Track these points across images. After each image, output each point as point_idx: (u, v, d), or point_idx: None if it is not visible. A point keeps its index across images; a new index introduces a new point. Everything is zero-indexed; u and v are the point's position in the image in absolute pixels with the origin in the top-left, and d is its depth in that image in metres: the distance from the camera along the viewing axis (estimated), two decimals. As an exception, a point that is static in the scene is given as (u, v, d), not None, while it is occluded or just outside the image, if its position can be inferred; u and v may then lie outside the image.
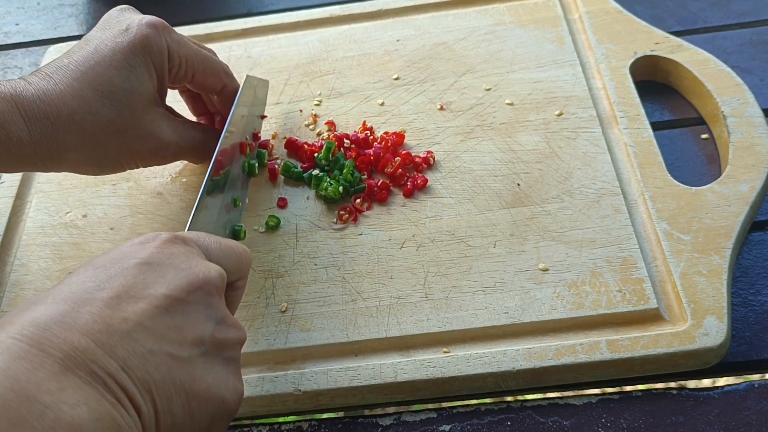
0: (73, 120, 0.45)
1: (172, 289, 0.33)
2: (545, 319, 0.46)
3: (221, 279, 0.36)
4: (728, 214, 0.49)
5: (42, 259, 0.54)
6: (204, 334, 0.34)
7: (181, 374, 0.32)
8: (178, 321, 0.33)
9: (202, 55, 0.51)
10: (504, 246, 0.50)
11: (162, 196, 0.57)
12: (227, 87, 0.53)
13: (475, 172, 0.54)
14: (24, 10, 0.80)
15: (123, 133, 0.47)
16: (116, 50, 0.46)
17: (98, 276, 0.33)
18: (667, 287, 0.47)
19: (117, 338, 0.30)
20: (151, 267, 0.34)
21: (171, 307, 0.33)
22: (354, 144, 0.56)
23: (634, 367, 0.44)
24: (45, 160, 0.45)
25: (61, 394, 0.27)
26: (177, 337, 0.32)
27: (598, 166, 0.53)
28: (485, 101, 0.59)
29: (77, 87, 0.45)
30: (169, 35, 0.48)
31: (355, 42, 0.66)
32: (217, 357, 0.35)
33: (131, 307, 0.32)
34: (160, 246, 0.35)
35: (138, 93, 0.47)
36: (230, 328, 0.36)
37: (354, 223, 0.53)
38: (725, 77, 0.57)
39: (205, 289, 0.35)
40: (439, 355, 0.45)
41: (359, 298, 0.48)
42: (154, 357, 0.31)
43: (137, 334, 0.31)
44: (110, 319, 0.31)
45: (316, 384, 0.45)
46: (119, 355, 0.30)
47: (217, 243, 0.39)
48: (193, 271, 0.35)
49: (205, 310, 0.34)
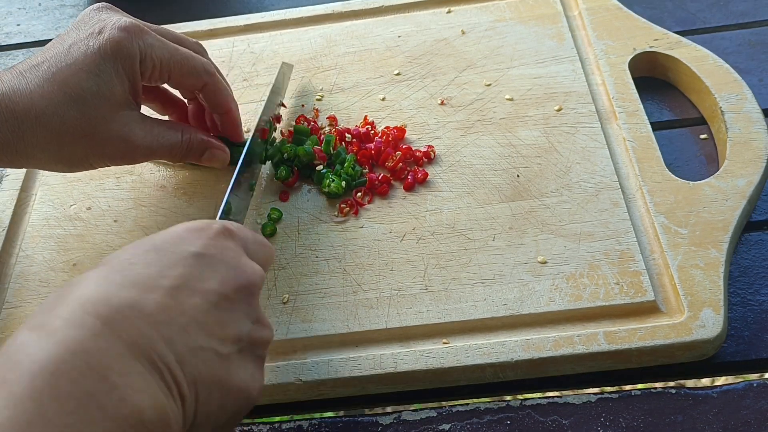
0: (40, 121, 0.45)
1: (223, 286, 0.35)
2: (543, 310, 0.46)
3: (262, 280, 0.38)
4: (725, 209, 0.50)
5: (46, 251, 0.54)
6: (243, 333, 0.35)
7: (221, 370, 0.33)
8: (224, 318, 0.34)
9: (180, 55, 0.50)
10: (503, 239, 0.50)
11: (165, 189, 0.57)
12: (208, 85, 0.52)
13: (475, 166, 0.55)
14: (25, 11, 0.80)
15: (90, 135, 0.47)
16: (87, 53, 0.46)
17: (160, 260, 0.34)
18: (665, 280, 0.47)
19: (176, 331, 0.32)
20: (205, 259, 0.35)
21: (220, 304, 0.34)
22: (355, 138, 0.57)
23: (632, 358, 0.44)
24: (12, 156, 0.46)
25: (128, 378, 0.28)
26: (222, 334, 0.34)
27: (597, 160, 0.54)
28: (485, 96, 0.59)
29: (47, 88, 0.45)
30: (142, 38, 0.47)
31: (357, 38, 0.66)
32: (250, 354, 0.36)
33: (189, 300, 0.33)
34: (213, 237, 0.36)
35: (106, 97, 0.47)
36: (264, 327, 0.37)
37: (355, 216, 0.53)
38: (723, 73, 0.57)
39: (249, 288, 0.36)
40: (438, 346, 0.46)
41: (360, 290, 0.49)
42: (204, 353, 0.33)
43: (192, 327, 0.32)
44: (171, 310, 0.32)
45: (317, 374, 0.45)
46: (177, 349, 0.31)
47: (253, 237, 0.40)
48: (240, 270, 0.36)
49: (246, 309, 0.36)
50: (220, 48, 0.67)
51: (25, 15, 0.80)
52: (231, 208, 0.48)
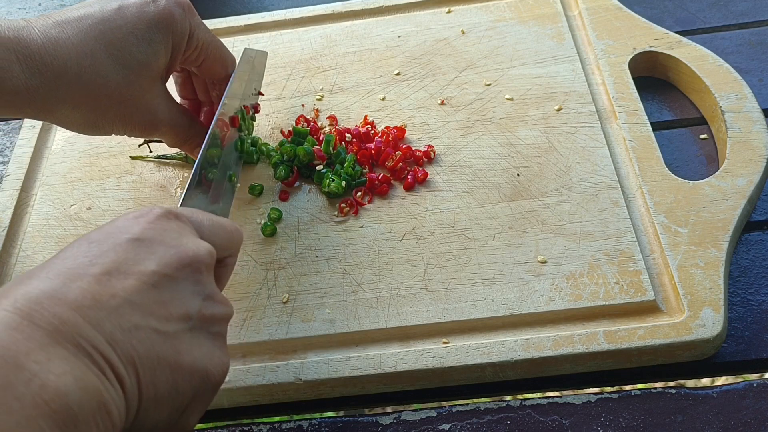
0: (81, 78, 0.44)
1: (161, 265, 0.34)
2: (543, 310, 0.46)
3: (210, 256, 0.37)
4: (725, 208, 0.50)
5: (47, 251, 0.54)
6: (191, 310, 0.34)
7: (166, 348, 0.32)
8: (166, 297, 0.33)
9: (216, 42, 0.51)
10: (503, 239, 0.50)
11: (165, 189, 0.57)
12: (230, 77, 0.53)
13: (474, 166, 0.55)
14: (25, 11, 0.81)
15: (126, 102, 0.46)
16: (141, 19, 0.45)
17: (91, 251, 0.33)
18: (665, 279, 0.47)
19: (104, 313, 0.31)
20: (142, 243, 0.34)
21: (159, 284, 0.33)
22: (355, 138, 0.57)
23: (631, 357, 0.44)
24: (38, 110, 0.44)
25: (48, 364, 0.28)
26: (164, 312, 0.33)
27: (597, 160, 0.54)
28: (485, 96, 0.59)
29: (92, 45, 0.44)
30: (193, 17, 0.48)
31: (357, 38, 0.66)
32: (204, 332, 0.35)
33: (120, 283, 0.32)
34: (153, 221, 0.35)
35: (151, 67, 0.46)
36: (217, 304, 0.36)
37: (355, 216, 0.53)
38: (723, 73, 0.57)
39: (193, 266, 0.35)
40: (438, 346, 0.46)
41: (360, 290, 0.49)
42: (140, 332, 0.32)
43: (124, 309, 0.31)
44: (99, 295, 0.31)
45: (317, 373, 0.45)
46: (106, 330, 0.30)
47: (209, 220, 0.39)
48: (182, 248, 0.35)
49: (193, 286, 0.35)
50: (220, 48, 0.67)
51: (25, 15, 0.80)
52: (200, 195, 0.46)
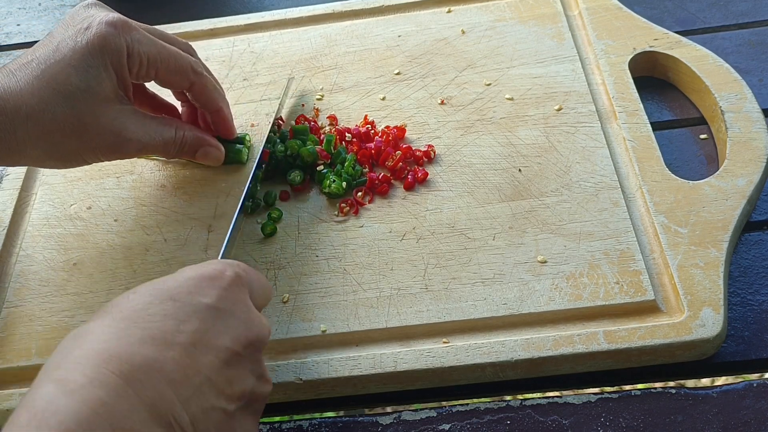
0: (31, 118, 0.46)
1: (234, 342, 0.35)
2: (543, 310, 0.46)
3: (268, 336, 0.38)
4: (725, 208, 0.50)
5: (47, 250, 0.54)
6: (247, 389, 0.36)
7: (227, 428, 0.34)
8: (233, 375, 0.35)
9: (167, 53, 0.50)
10: (503, 238, 0.50)
11: (165, 189, 0.57)
12: (195, 85, 0.52)
13: (475, 165, 0.55)
14: (25, 11, 0.81)
15: (81, 131, 0.47)
16: (75, 49, 0.46)
17: (177, 313, 0.34)
18: (664, 279, 0.47)
19: (191, 391, 0.32)
20: (219, 313, 0.35)
21: (230, 361, 0.35)
22: (355, 138, 0.57)
23: (631, 357, 0.44)
24: (4, 154, 0.46)
25: None
26: (229, 391, 0.34)
27: (597, 160, 0.54)
28: (485, 96, 0.59)
29: (36, 85, 0.46)
30: (129, 34, 0.48)
31: (357, 37, 0.66)
32: (250, 409, 0.37)
33: (203, 358, 0.33)
34: (227, 289, 0.36)
35: (95, 92, 0.47)
36: (266, 383, 0.38)
37: (355, 216, 0.53)
38: (723, 73, 0.57)
39: (256, 345, 0.37)
40: (438, 346, 0.46)
41: (360, 289, 0.49)
42: (214, 413, 0.33)
43: (204, 387, 0.33)
44: (188, 369, 0.32)
45: (317, 373, 0.45)
46: (191, 410, 0.32)
47: (258, 281, 0.40)
48: (251, 326, 0.36)
49: (252, 365, 0.36)
50: (220, 48, 0.67)
51: (25, 15, 0.80)
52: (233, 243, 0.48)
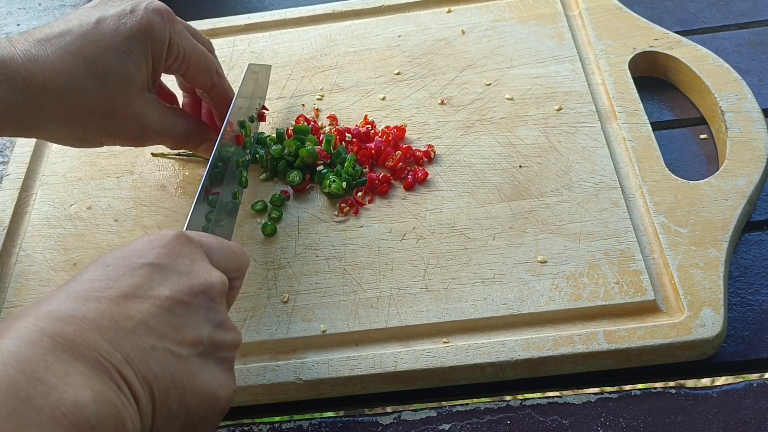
0: (61, 95, 0.44)
1: (174, 291, 0.35)
2: (543, 310, 0.46)
3: (222, 285, 0.38)
4: (725, 208, 0.50)
5: (47, 250, 0.54)
6: (202, 336, 0.35)
7: (179, 370, 0.34)
8: (179, 321, 0.34)
9: (199, 51, 0.50)
10: (503, 238, 0.50)
11: (165, 189, 0.57)
12: (216, 86, 0.52)
13: (475, 165, 0.55)
14: (25, 11, 0.81)
15: (109, 114, 0.47)
16: (118, 31, 0.45)
17: (108, 274, 0.34)
18: (664, 279, 0.47)
19: (121, 333, 0.32)
20: (156, 268, 0.35)
21: (172, 309, 0.34)
22: (355, 138, 0.57)
23: (631, 357, 0.44)
24: (21, 127, 0.45)
25: (66, 378, 0.29)
26: (177, 336, 0.34)
27: (597, 160, 0.54)
28: (485, 96, 0.59)
29: (70, 62, 0.44)
30: (173, 25, 0.48)
31: (357, 38, 0.66)
32: (213, 357, 0.36)
33: (136, 306, 0.33)
34: (166, 246, 0.36)
35: (132, 79, 0.46)
36: (227, 331, 0.37)
37: (355, 216, 0.53)
38: (723, 73, 0.57)
39: (207, 293, 0.36)
40: (438, 346, 0.46)
41: (360, 289, 0.49)
42: (155, 352, 0.33)
43: (140, 330, 0.33)
44: (116, 316, 0.32)
45: (317, 373, 0.45)
46: (123, 349, 0.31)
47: (218, 244, 0.40)
48: (195, 277, 0.36)
49: (205, 313, 0.36)
50: (221, 48, 0.67)
51: (25, 15, 0.80)
52: (204, 217, 0.46)
